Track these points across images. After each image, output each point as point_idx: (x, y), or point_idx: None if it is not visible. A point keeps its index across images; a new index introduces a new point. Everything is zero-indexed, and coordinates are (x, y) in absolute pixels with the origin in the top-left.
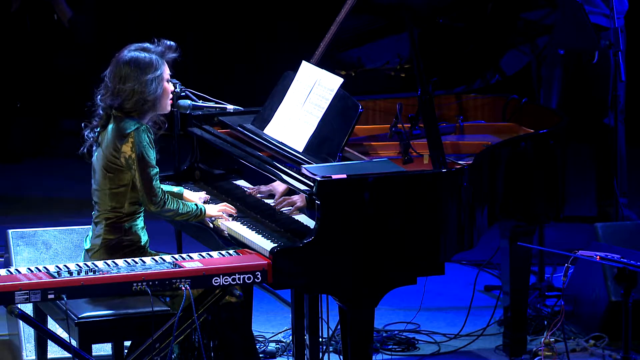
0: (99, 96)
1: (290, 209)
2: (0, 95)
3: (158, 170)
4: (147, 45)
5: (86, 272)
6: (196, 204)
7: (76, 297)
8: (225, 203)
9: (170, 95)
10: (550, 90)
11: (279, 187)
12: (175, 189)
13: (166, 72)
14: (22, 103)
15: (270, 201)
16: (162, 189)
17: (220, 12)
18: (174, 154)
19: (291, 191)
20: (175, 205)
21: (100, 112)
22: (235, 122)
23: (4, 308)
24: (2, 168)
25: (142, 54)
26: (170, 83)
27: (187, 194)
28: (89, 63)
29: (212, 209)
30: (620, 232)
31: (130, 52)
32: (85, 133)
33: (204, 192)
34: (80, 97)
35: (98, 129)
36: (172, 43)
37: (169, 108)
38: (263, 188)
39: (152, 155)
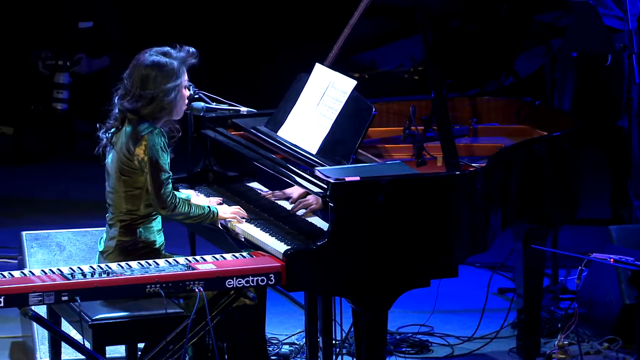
0: (117, 97)
1: (304, 211)
2: (14, 98)
3: (170, 174)
4: (168, 49)
5: (100, 274)
6: (208, 207)
7: (90, 299)
8: (238, 206)
9: (186, 101)
10: (564, 93)
11: (294, 192)
12: (183, 195)
13: (185, 79)
14: (36, 105)
15: (284, 203)
16: (173, 192)
17: (234, 14)
18: (188, 156)
19: (307, 195)
20: (186, 208)
21: (116, 112)
22: (248, 125)
23: (18, 310)
24: (17, 170)
25: (164, 59)
26: (186, 89)
27: (196, 200)
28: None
29: (224, 212)
30: (634, 235)
31: (152, 56)
32: (100, 133)
33: (218, 198)
34: (94, 99)
35: (112, 130)
36: (193, 50)
37: (182, 114)
38: (277, 193)
39: (165, 159)
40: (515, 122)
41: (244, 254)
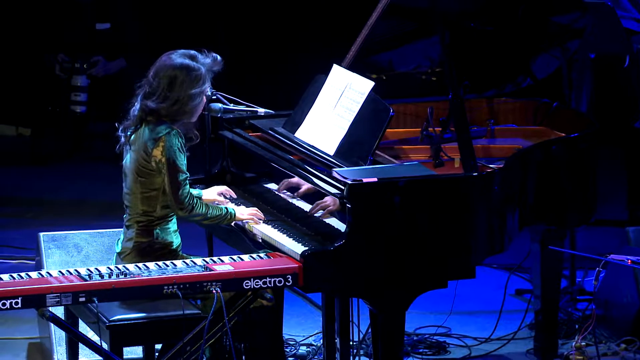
0: (140, 95)
1: (322, 212)
2: (32, 99)
3: (188, 175)
4: (195, 53)
5: (117, 275)
6: (226, 207)
7: (107, 300)
8: (255, 208)
9: (204, 105)
10: (581, 94)
11: (299, 182)
12: (195, 192)
13: (208, 85)
14: (53, 106)
15: (301, 204)
16: (191, 193)
17: (251, 14)
18: (205, 157)
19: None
20: (204, 209)
21: (136, 110)
22: (266, 126)
23: (35, 311)
24: (34, 171)
25: (192, 64)
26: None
27: (204, 193)
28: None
29: (241, 213)
30: None
31: (180, 58)
32: (119, 132)
33: (222, 187)
34: (111, 100)
35: (131, 129)
36: (219, 57)
37: (197, 117)
38: (283, 186)
39: (182, 160)
40: (533, 123)
41: (261, 255)
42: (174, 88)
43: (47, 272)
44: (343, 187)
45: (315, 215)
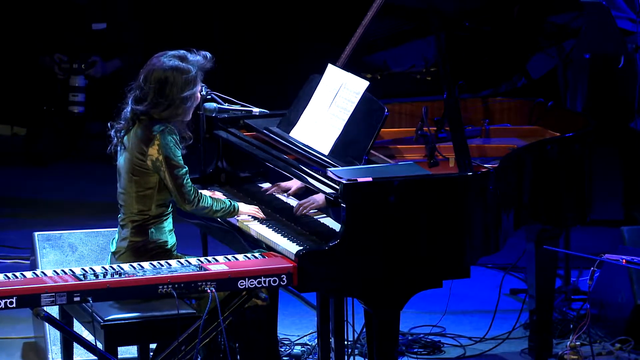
0: (131, 99)
1: (315, 211)
2: (27, 99)
3: (187, 169)
4: (185, 53)
5: (112, 275)
6: (230, 200)
7: (102, 299)
8: (257, 207)
9: (197, 103)
10: (576, 94)
11: (292, 185)
12: None
13: (200, 85)
14: (49, 106)
15: (295, 203)
16: (194, 186)
17: (246, 15)
18: (200, 157)
19: (308, 189)
20: (209, 201)
21: (128, 113)
22: (261, 125)
23: (30, 310)
24: (29, 171)
25: (182, 65)
26: (199, 92)
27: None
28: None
29: (244, 208)
30: None
31: (170, 60)
32: (111, 133)
33: (219, 193)
34: (107, 100)
35: (123, 131)
36: (209, 55)
37: (190, 116)
38: (273, 189)
39: (178, 154)
40: (528, 123)
41: (256, 254)
42: (165, 92)
43: (42, 272)
44: (338, 187)
45: (307, 212)
